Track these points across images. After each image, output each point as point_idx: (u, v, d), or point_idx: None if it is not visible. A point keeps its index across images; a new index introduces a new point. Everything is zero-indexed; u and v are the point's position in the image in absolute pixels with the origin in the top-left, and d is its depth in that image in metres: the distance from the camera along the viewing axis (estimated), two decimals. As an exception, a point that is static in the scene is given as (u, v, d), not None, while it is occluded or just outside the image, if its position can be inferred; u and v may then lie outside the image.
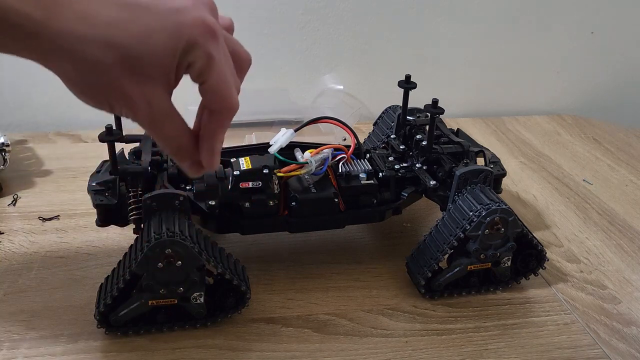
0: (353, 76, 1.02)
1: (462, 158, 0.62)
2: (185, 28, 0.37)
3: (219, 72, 0.39)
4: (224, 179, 0.58)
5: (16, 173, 0.79)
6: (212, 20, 0.39)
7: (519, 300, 0.60)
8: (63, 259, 0.63)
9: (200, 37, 0.37)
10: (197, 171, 0.42)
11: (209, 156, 0.42)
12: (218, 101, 0.40)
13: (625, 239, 0.71)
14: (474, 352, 0.53)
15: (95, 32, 0.35)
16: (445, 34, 1.02)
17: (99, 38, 0.35)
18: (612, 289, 0.62)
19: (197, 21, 0.38)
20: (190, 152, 0.41)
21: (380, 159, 0.64)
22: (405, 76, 0.66)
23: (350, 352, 0.52)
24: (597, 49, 1.09)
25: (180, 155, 0.41)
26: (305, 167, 0.58)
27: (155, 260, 0.48)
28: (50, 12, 0.34)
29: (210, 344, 0.52)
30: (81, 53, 0.35)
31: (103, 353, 0.51)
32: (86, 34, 0.35)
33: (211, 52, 0.38)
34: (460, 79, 1.06)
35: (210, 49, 0.38)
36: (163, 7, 0.37)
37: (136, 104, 0.37)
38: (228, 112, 0.41)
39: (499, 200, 0.56)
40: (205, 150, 0.41)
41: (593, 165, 0.90)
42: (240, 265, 0.55)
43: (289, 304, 0.58)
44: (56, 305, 0.56)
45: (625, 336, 0.56)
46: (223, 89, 0.39)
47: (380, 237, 0.69)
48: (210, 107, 0.40)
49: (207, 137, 0.41)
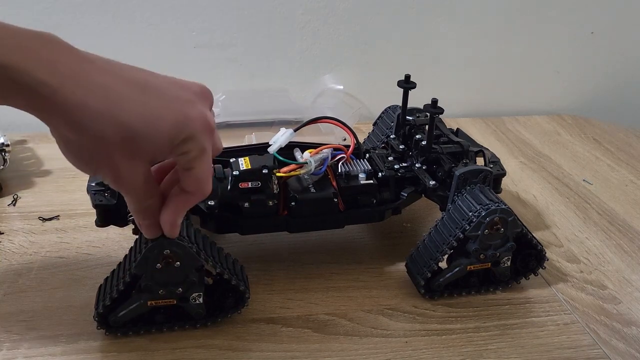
0: (353, 76, 1.02)
1: (462, 158, 0.62)
2: (190, 121, 0.40)
3: (207, 164, 0.42)
4: (223, 179, 0.58)
5: (16, 173, 0.79)
6: (211, 117, 0.42)
7: (519, 301, 0.60)
8: (63, 259, 0.63)
9: (200, 132, 0.40)
10: (155, 233, 0.46)
11: (169, 225, 0.45)
12: (197, 187, 0.43)
13: (625, 239, 0.71)
14: (474, 352, 0.53)
15: (106, 108, 0.36)
16: (445, 34, 1.02)
17: (107, 114, 0.36)
18: (612, 289, 0.62)
19: (201, 117, 0.41)
20: (155, 214, 0.45)
21: (380, 158, 0.64)
22: (405, 76, 0.66)
23: (350, 352, 0.52)
24: (597, 49, 1.09)
25: (144, 215, 0.45)
26: (305, 167, 0.58)
27: (154, 261, 0.48)
28: (65, 81, 0.35)
29: (210, 344, 0.52)
30: (87, 125, 0.36)
31: (103, 353, 0.51)
32: (98, 108, 0.36)
33: (205, 147, 0.41)
34: (460, 79, 1.06)
35: (206, 144, 0.41)
36: (172, 95, 0.40)
37: (121, 176, 0.40)
38: (200, 197, 0.44)
39: (499, 200, 0.56)
40: (167, 221, 0.45)
41: (593, 165, 0.90)
42: (239, 265, 0.55)
43: (289, 304, 0.58)
44: (56, 306, 0.56)
45: (625, 336, 0.56)
46: (205, 177, 0.43)
47: (380, 237, 0.69)
48: (187, 189, 0.44)
49: (172, 210, 0.45)
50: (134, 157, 0.39)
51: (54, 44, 0.36)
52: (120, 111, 0.37)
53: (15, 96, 0.35)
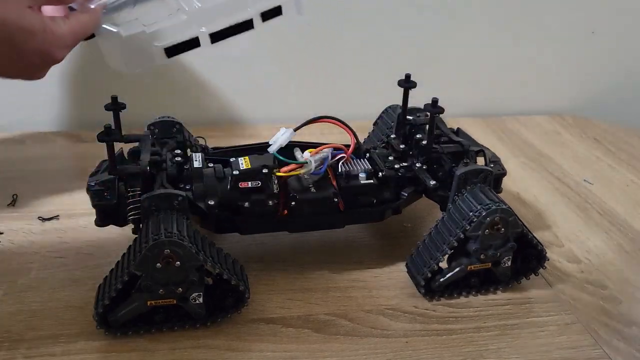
0: (353, 76, 1.02)
1: (462, 157, 0.62)
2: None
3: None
4: (223, 178, 0.58)
5: (16, 173, 0.79)
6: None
7: (520, 301, 0.60)
8: (63, 258, 0.62)
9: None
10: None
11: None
12: None
13: (626, 239, 0.71)
14: (474, 353, 0.53)
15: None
16: (445, 34, 1.02)
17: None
18: (612, 289, 0.62)
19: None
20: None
21: (380, 158, 0.64)
22: (405, 75, 0.66)
23: (350, 352, 0.52)
24: (597, 49, 1.09)
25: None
26: (305, 167, 0.58)
27: (154, 260, 0.48)
28: None
29: (210, 344, 0.52)
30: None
31: (103, 353, 0.51)
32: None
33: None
34: (461, 78, 1.06)
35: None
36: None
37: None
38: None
39: (499, 200, 0.56)
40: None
41: (594, 165, 0.90)
42: (238, 265, 0.55)
43: (289, 304, 0.58)
44: (56, 305, 0.56)
45: (626, 336, 0.56)
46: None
47: (380, 237, 0.69)
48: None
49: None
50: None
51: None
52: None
53: None
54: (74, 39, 0.50)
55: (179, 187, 0.57)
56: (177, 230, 0.49)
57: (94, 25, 0.52)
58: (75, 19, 0.50)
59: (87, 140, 0.90)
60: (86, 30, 0.51)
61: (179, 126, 0.66)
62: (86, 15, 0.51)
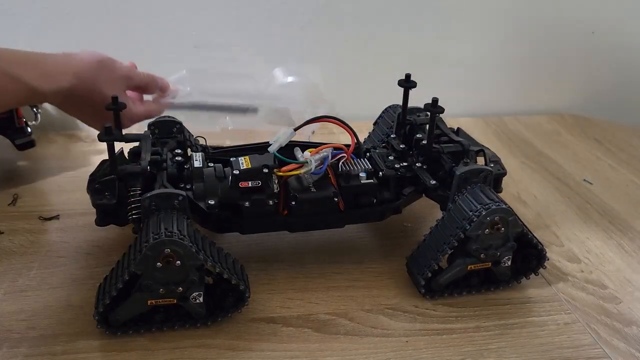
0: (353, 75, 1.02)
1: (462, 157, 0.62)
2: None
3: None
4: (224, 178, 0.58)
5: (16, 173, 0.79)
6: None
7: (520, 300, 0.60)
8: (63, 258, 0.62)
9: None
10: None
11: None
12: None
13: (625, 239, 0.71)
14: (474, 352, 0.53)
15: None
16: (445, 34, 1.02)
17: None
18: (612, 288, 0.62)
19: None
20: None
21: (380, 158, 0.64)
22: (405, 75, 0.66)
23: (350, 352, 0.52)
24: (597, 49, 1.09)
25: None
26: (305, 167, 0.58)
27: (154, 260, 0.48)
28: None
29: (210, 344, 0.52)
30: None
31: (103, 353, 0.51)
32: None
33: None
34: (461, 78, 1.06)
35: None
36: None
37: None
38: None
39: (499, 199, 0.56)
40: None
41: (594, 165, 0.90)
42: (239, 265, 0.55)
43: (289, 304, 0.58)
44: (56, 305, 0.56)
45: (625, 336, 0.56)
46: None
47: (380, 237, 0.69)
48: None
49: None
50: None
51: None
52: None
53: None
54: (140, 119, 0.68)
55: (179, 187, 0.57)
56: (177, 230, 0.49)
57: (158, 114, 0.68)
58: (148, 105, 0.70)
59: (87, 140, 0.90)
60: (152, 116, 0.68)
61: (180, 126, 0.66)
62: (157, 106, 0.70)
